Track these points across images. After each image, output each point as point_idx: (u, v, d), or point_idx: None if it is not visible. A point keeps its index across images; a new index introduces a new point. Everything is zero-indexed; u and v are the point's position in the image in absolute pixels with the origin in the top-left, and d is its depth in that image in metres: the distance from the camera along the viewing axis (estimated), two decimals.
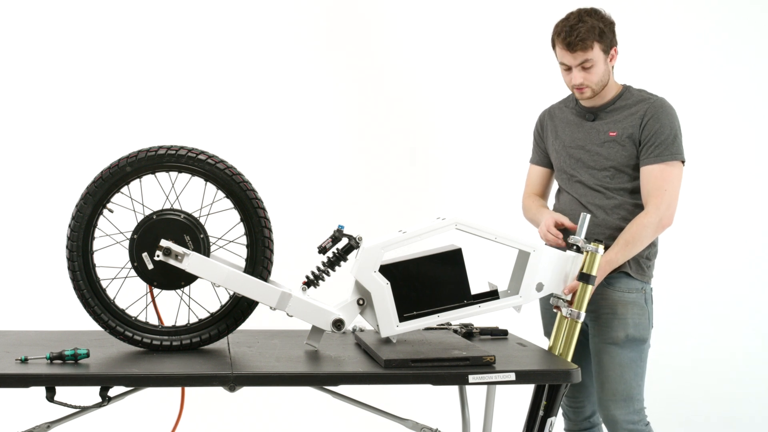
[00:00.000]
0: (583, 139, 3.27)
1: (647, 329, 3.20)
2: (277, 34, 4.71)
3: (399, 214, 4.73)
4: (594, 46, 3.13)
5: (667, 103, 3.21)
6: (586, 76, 3.17)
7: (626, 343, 3.16)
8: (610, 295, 3.18)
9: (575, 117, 3.33)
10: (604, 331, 3.19)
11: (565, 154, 3.31)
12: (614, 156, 3.20)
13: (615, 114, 3.22)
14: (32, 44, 4.54)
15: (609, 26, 3.18)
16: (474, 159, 4.88)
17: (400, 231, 2.97)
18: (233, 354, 2.92)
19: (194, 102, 4.64)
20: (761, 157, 4.95)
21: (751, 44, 4.94)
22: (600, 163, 3.22)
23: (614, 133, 3.20)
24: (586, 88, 3.19)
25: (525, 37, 4.86)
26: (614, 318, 3.18)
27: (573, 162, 3.28)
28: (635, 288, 3.19)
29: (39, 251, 4.48)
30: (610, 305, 3.18)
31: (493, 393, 3.08)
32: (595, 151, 3.23)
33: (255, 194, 2.97)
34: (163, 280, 2.93)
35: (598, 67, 3.16)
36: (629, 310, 3.17)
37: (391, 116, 4.80)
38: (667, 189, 3.14)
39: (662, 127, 3.15)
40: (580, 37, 3.12)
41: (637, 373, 3.18)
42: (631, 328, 3.16)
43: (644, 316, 3.19)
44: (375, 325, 2.93)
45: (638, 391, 3.19)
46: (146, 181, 2.99)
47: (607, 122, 3.23)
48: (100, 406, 2.77)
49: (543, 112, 3.50)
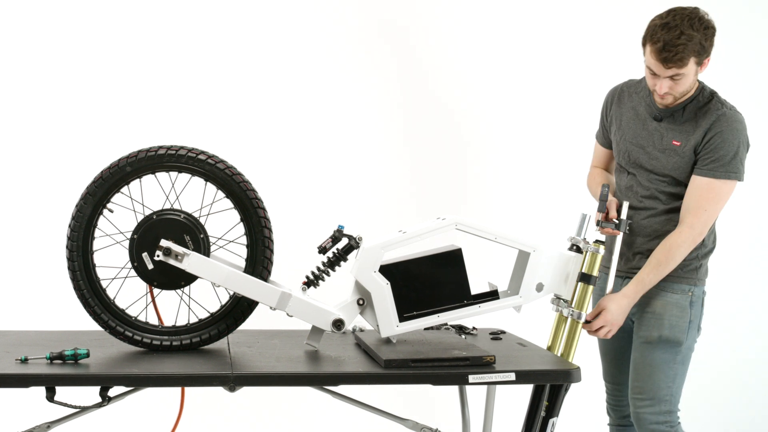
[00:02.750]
0: (645, 139, 3.11)
1: (684, 332, 3.09)
2: (277, 34, 4.70)
3: (399, 214, 4.73)
4: (690, 61, 2.92)
5: (738, 116, 3.03)
6: (673, 87, 2.98)
7: (659, 343, 3.09)
8: (652, 294, 3.10)
9: (643, 111, 3.14)
10: (641, 329, 3.13)
11: (624, 150, 3.17)
12: (673, 166, 3.06)
13: (683, 123, 3.06)
14: (32, 44, 4.54)
15: (710, 37, 2.94)
16: (474, 159, 4.87)
17: (400, 231, 2.97)
18: (233, 354, 2.92)
19: (194, 102, 4.63)
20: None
21: (751, 49, 4.94)
22: (658, 169, 3.09)
23: (678, 143, 3.05)
24: (669, 96, 3.01)
25: (527, 37, 4.86)
26: (652, 317, 3.11)
27: (631, 161, 3.15)
28: (680, 290, 3.09)
29: (39, 251, 4.47)
30: (652, 304, 3.11)
31: (493, 393, 3.08)
32: (655, 155, 3.09)
33: (255, 194, 2.97)
34: (163, 280, 2.93)
35: (688, 79, 2.97)
36: (668, 310, 3.09)
37: (391, 116, 4.80)
38: (708, 209, 3.01)
39: (724, 143, 2.98)
40: (679, 56, 2.90)
41: (668, 375, 3.09)
42: (666, 329, 3.08)
43: (683, 318, 3.09)
44: (375, 325, 2.93)
45: (668, 392, 3.10)
46: (146, 181, 2.99)
47: (673, 129, 3.07)
48: (100, 406, 2.77)
49: (612, 90, 3.28)
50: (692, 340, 3.13)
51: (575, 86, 4.84)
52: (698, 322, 3.13)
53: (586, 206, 3.35)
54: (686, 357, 3.13)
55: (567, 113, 4.85)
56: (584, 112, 4.80)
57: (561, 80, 4.82)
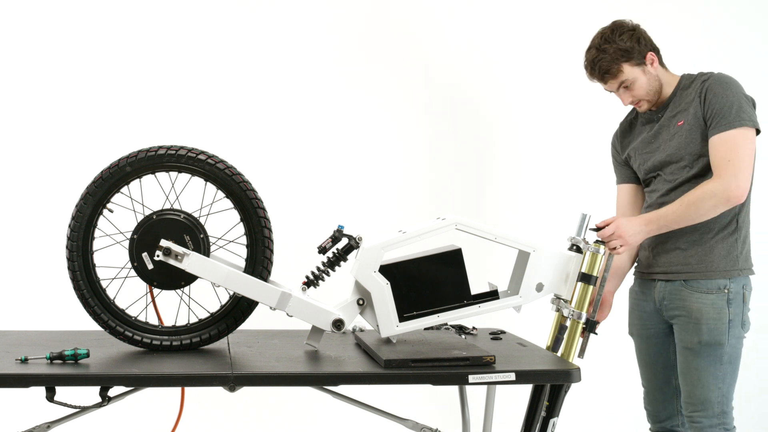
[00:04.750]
0: (655, 139, 3.17)
1: (723, 333, 3.02)
2: (276, 35, 4.70)
3: (399, 214, 4.73)
4: (623, 68, 3.08)
5: (725, 75, 3.07)
6: (633, 93, 3.11)
7: (701, 348, 3.04)
8: (686, 296, 3.07)
9: (644, 124, 3.24)
10: (681, 334, 3.09)
11: (643, 161, 3.20)
12: (685, 144, 3.06)
13: (677, 104, 3.12)
14: (32, 45, 4.54)
15: (634, 38, 3.09)
16: (474, 159, 4.87)
17: (400, 231, 2.97)
18: (233, 354, 2.92)
19: (194, 102, 4.63)
20: None
21: (749, 48, 4.94)
22: (674, 155, 3.09)
23: (681, 122, 3.08)
24: (641, 101, 3.14)
25: (527, 36, 4.86)
26: (689, 322, 3.06)
27: (652, 165, 3.16)
28: (715, 288, 3.04)
29: (39, 251, 4.47)
30: (686, 308, 3.07)
31: (493, 393, 3.08)
32: (667, 145, 3.11)
33: (255, 194, 2.97)
34: (163, 280, 2.93)
35: (639, 81, 3.10)
36: (704, 314, 3.03)
37: (391, 116, 4.80)
38: (731, 158, 2.94)
39: (719, 96, 2.99)
40: (603, 70, 3.08)
41: (716, 376, 3.04)
42: (704, 335, 3.03)
43: (721, 320, 3.02)
44: (375, 325, 2.93)
45: (718, 394, 3.04)
46: (146, 181, 2.99)
47: (672, 115, 3.13)
48: (100, 406, 2.77)
49: (613, 135, 3.37)
50: (736, 338, 3.05)
51: (575, 86, 4.83)
52: (741, 318, 3.05)
53: (586, 206, 3.35)
54: (733, 356, 3.06)
55: (567, 113, 4.85)
56: (584, 112, 4.80)
57: (561, 80, 4.82)
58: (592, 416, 4.63)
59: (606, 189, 3.72)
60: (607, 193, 3.65)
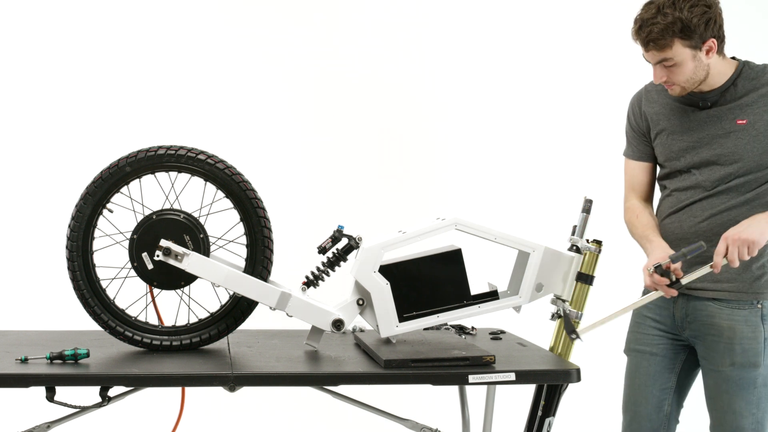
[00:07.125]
0: (700, 130, 2.77)
1: (760, 354, 2.76)
2: (276, 35, 4.71)
3: (399, 214, 4.73)
4: (674, 44, 2.64)
5: None
6: (670, 75, 2.70)
7: (734, 370, 2.79)
8: (715, 313, 2.81)
9: (681, 105, 2.82)
10: (709, 355, 2.83)
11: (677, 148, 2.82)
12: (746, 149, 2.70)
13: (741, 97, 2.72)
14: (32, 44, 4.54)
15: (704, 18, 2.63)
16: (474, 159, 4.88)
17: (400, 231, 2.97)
18: (233, 354, 2.92)
19: (194, 102, 4.63)
20: None
21: (749, 48, 4.94)
22: (724, 158, 2.73)
23: (743, 121, 2.70)
24: (674, 86, 2.73)
25: (527, 36, 4.86)
26: (719, 341, 2.79)
27: (690, 161, 2.80)
28: (746, 303, 2.78)
29: (39, 251, 4.48)
30: (716, 326, 2.80)
31: (493, 393, 3.08)
32: (716, 142, 2.73)
33: (255, 194, 2.97)
34: (163, 280, 2.93)
35: (685, 66, 2.67)
36: (737, 333, 2.77)
37: (392, 117, 4.80)
38: None
39: None
40: (652, 37, 2.64)
41: (750, 401, 2.78)
42: (738, 356, 2.77)
43: (756, 339, 2.76)
44: (375, 326, 2.93)
45: (752, 420, 2.79)
46: (146, 181, 2.99)
47: (730, 107, 2.72)
48: (100, 406, 2.77)
49: (635, 95, 2.96)
50: None
51: (575, 86, 4.84)
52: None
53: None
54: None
55: (567, 113, 4.85)
56: (584, 111, 4.80)
57: (561, 80, 4.82)
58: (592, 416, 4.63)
59: (606, 189, 3.72)
60: (607, 193, 3.64)
